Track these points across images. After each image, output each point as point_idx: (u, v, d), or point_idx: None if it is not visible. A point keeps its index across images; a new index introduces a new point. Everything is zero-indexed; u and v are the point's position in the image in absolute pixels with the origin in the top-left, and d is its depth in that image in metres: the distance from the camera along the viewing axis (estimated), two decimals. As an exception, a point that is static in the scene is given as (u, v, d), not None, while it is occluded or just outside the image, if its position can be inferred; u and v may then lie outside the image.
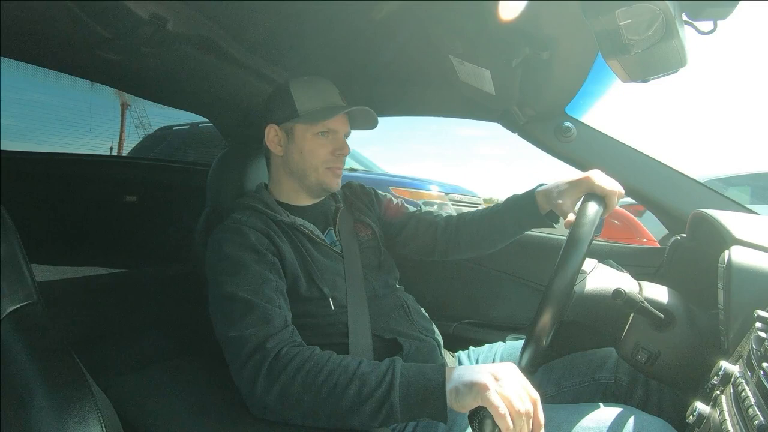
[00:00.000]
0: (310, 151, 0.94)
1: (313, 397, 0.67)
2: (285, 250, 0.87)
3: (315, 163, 0.95)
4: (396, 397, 0.64)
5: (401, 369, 0.66)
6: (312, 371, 0.68)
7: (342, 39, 1.06)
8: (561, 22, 0.79)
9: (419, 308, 1.03)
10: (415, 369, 0.67)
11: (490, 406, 0.58)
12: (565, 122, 1.16)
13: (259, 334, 0.73)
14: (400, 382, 0.65)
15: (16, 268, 0.60)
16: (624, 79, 0.73)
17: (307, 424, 0.69)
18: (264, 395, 0.69)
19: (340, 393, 0.66)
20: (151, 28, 0.90)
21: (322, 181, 0.96)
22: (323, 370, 0.68)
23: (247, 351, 0.72)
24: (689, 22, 0.64)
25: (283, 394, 0.68)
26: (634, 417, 0.71)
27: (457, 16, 0.87)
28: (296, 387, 0.68)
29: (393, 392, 0.64)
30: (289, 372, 0.69)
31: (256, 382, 0.70)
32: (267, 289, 0.79)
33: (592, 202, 0.78)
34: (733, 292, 0.66)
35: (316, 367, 0.69)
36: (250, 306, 0.76)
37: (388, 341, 0.89)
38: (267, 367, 0.70)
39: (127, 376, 0.96)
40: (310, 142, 0.94)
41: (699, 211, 0.87)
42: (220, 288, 0.79)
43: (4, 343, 0.56)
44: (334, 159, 0.95)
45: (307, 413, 0.68)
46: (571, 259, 0.70)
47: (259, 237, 0.85)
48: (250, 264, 0.81)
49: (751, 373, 0.50)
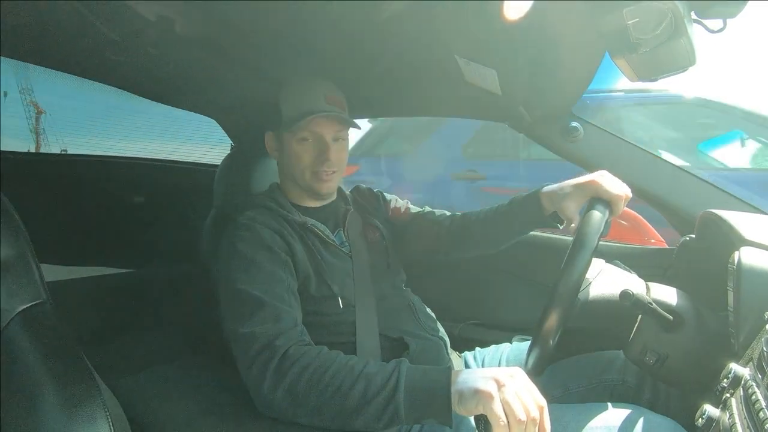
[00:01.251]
0: (295, 157, 0.94)
1: (319, 396, 0.67)
2: (297, 248, 0.87)
3: (301, 168, 0.94)
4: (401, 399, 0.64)
5: (407, 371, 0.66)
6: (318, 370, 0.69)
7: (347, 39, 1.06)
8: (568, 21, 0.79)
9: (425, 308, 1.03)
10: (420, 371, 0.67)
11: (491, 416, 0.57)
12: (572, 122, 1.15)
13: (269, 332, 0.73)
14: (405, 383, 0.65)
15: (25, 268, 0.61)
16: (632, 78, 0.72)
17: (313, 424, 0.70)
18: (271, 393, 0.70)
19: (345, 393, 0.66)
20: (158, 29, 0.90)
21: (311, 186, 0.96)
22: (329, 370, 0.68)
23: (256, 348, 0.72)
24: (698, 20, 0.63)
25: (289, 392, 0.69)
26: (643, 417, 0.70)
27: (463, 16, 0.87)
28: (302, 385, 0.68)
29: (398, 393, 0.64)
30: (295, 370, 0.69)
31: (264, 379, 0.70)
32: (279, 288, 0.80)
33: (597, 208, 0.77)
34: (743, 294, 0.65)
35: (323, 366, 0.69)
36: (262, 304, 0.76)
37: (395, 340, 0.90)
38: (275, 365, 0.70)
39: (135, 375, 0.96)
40: (295, 147, 0.94)
41: (708, 212, 0.86)
42: (232, 285, 0.80)
43: (14, 342, 0.56)
44: (319, 163, 0.94)
45: (312, 412, 0.68)
46: (575, 265, 0.69)
47: (272, 235, 0.86)
48: (263, 262, 0.82)
49: (761, 375, 0.50)
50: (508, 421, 0.57)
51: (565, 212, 0.86)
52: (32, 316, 0.59)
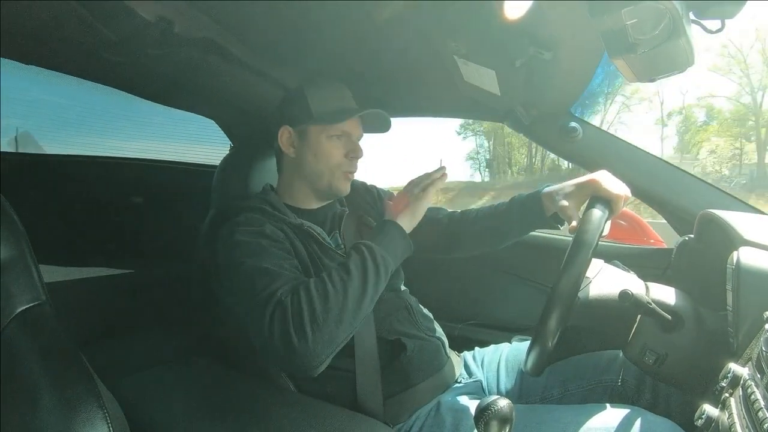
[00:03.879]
0: (324, 154, 0.94)
1: (336, 305, 0.72)
2: (298, 246, 0.88)
3: (329, 166, 0.95)
4: (380, 257, 0.79)
5: (371, 243, 0.81)
6: (319, 288, 0.73)
7: (346, 40, 1.06)
8: (566, 22, 0.79)
9: (422, 309, 1.03)
10: (379, 237, 0.84)
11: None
12: (570, 122, 1.15)
13: (279, 289, 0.74)
14: (376, 247, 0.80)
15: (24, 269, 0.61)
16: (630, 78, 0.72)
17: (348, 332, 0.73)
18: (302, 337, 0.69)
19: (350, 287, 0.74)
20: (158, 30, 0.90)
21: (334, 185, 0.96)
22: (328, 284, 0.74)
23: (268, 312, 0.72)
24: (696, 20, 0.63)
25: (313, 324, 0.70)
26: (642, 418, 0.70)
27: (462, 16, 0.87)
28: (318, 310, 0.71)
29: (377, 256, 0.79)
30: (305, 305, 0.71)
31: (289, 333, 0.69)
32: (287, 264, 0.81)
33: (597, 207, 0.77)
34: (741, 294, 0.65)
35: (320, 284, 0.74)
36: (273, 274, 0.76)
37: (392, 342, 0.90)
38: (290, 313, 0.70)
39: (134, 376, 0.96)
40: (324, 144, 0.94)
41: (707, 212, 0.86)
42: (241, 267, 0.78)
43: (13, 342, 0.56)
44: (348, 162, 0.96)
45: (339, 321, 0.71)
46: (575, 264, 0.69)
47: (272, 229, 0.86)
48: (267, 247, 0.82)
49: (760, 375, 0.50)
50: None
51: (566, 211, 0.86)
52: (31, 317, 0.59)
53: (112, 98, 1.63)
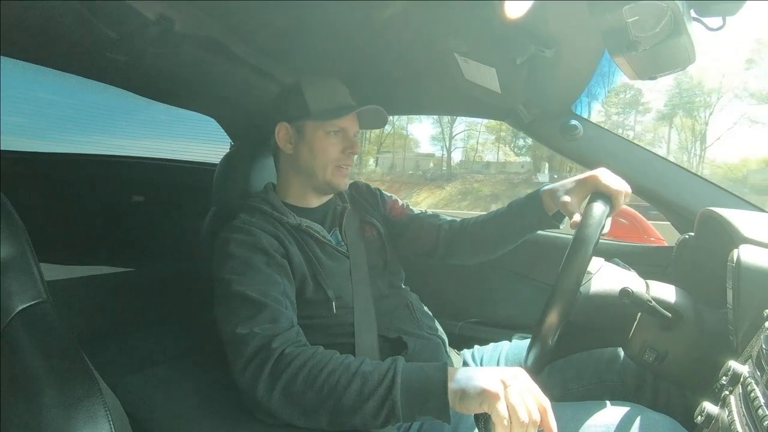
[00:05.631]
0: (320, 150, 0.95)
1: (315, 396, 0.67)
2: (293, 251, 0.87)
3: (325, 162, 0.95)
4: (397, 396, 0.63)
5: (403, 368, 0.66)
6: (314, 369, 0.68)
7: (347, 39, 1.06)
8: (567, 20, 0.79)
9: (423, 307, 1.03)
10: (417, 368, 0.66)
11: (496, 416, 0.57)
12: (571, 120, 1.15)
13: (265, 333, 0.73)
14: (402, 380, 0.64)
15: (25, 268, 0.61)
16: (631, 76, 0.72)
17: (310, 426, 0.69)
18: (267, 394, 0.69)
19: (341, 391, 0.66)
20: (158, 28, 0.90)
21: (330, 180, 0.96)
22: (325, 369, 0.68)
23: (251, 350, 0.72)
24: (697, 18, 0.63)
25: (285, 392, 0.68)
26: (642, 416, 0.70)
27: (463, 14, 0.87)
28: (298, 385, 0.68)
29: (395, 390, 0.64)
30: (291, 371, 0.69)
31: (259, 381, 0.70)
32: (275, 290, 0.79)
33: (598, 202, 0.77)
34: (742, 292, 0.65)
35: (319, 365, 0.69)
36: (258, 305, 0.76)
37: (393, 340, 0.90)
38: (270, 366, 0.70)
39: (135, 374, 0.96)
40: (321, 140, 0.94)
41: (707, 210, 0.86)
42: (228, 287, 0.79)
43: (14, 341, 0.56)
44: (344, 157, 0.96)
45: (309, 412, 0.68)
46: (577, 258, 0.69)
47: (268, 239, 0.86)
48: (259, 265, 0.81)
49: (760, 373, 0.50)
50: (510, 421, 0.57)
51: (567, 207, 0.86)
52: (32, 316, 0.59)
53: (112, 96, 1.63)
